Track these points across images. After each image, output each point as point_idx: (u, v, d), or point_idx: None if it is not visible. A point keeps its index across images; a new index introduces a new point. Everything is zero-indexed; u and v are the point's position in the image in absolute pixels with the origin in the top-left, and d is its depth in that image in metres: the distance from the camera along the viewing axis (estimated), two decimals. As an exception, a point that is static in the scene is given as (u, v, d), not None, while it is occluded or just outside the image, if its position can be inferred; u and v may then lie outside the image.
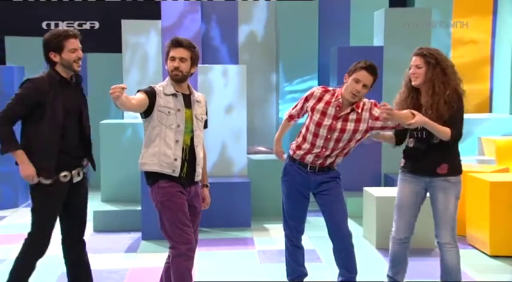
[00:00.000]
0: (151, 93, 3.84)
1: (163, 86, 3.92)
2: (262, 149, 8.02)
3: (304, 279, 4.40)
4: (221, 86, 7.09)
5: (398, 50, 7.49)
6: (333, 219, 4.17)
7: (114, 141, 7.07)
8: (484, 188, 5.70)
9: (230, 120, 7.10)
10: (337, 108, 4.08)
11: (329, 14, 8.85)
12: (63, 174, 3.85)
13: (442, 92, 3.98)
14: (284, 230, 4.35)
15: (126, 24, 8.90)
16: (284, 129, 4.46)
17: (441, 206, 4.08)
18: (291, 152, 4.24)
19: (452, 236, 4.09)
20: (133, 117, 7.82)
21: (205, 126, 4.10)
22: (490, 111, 8.82)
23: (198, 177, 3.96)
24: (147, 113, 3.86)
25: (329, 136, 4.08)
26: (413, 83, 4.07)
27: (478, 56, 9.02)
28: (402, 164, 4.27)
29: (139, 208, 6.34)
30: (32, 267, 3.94)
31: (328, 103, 4.11)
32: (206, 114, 4.08)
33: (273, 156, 7.50)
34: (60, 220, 4.03)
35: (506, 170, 6.66)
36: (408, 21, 7.59)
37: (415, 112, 3.85)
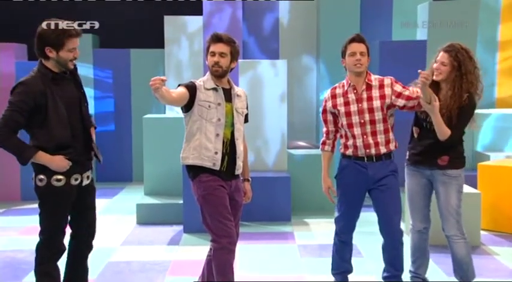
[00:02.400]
0: (191, 88, 3.86)
1: (204, 80, 3.95)
2: (302, 143, 8.00)
3: (348, 276, 4.38)
4: (260, 81, 7.09)
5: (443, 44, 7.32)
6: (387, 215, 4.12)
7: (157, 135, 7.16)
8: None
9: (271, 116, 7.10)
10: (355, 91, 4.12)
11: (371, 7, 8.73)
12: (74, 177, 3.62)
13: (459, 95, 4.06)
14: (335, 225, 4.30)
15: (169, 20, 8.97)
16: (326, 162, 4.30)
17: (442, 200, 4.17)
18: (342, 150, 4.20)
19: (457, 228, 4.16)
20: (175, 112, 7.91)
21: (246, 120, 4.11)
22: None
23: (238, 170, 3.97)
24: (187, 108, 3.89)
25: (362, 120, 4.07)
26: (434, 78, 4.13)
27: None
28: (407, 157, 4.34)
29: (181, 201, 6.40)
30: (54, 271, 3.70)
31: (345, 93, 4.15)
32: (247, 108, 4.09)
33: (312, 151, 7.50)
34: (70, 222, 3.78)
35: None
36: (453, 14, 7.40)
37: (436, 100, 3.97)
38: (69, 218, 3.74)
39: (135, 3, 9.77)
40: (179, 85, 3.92)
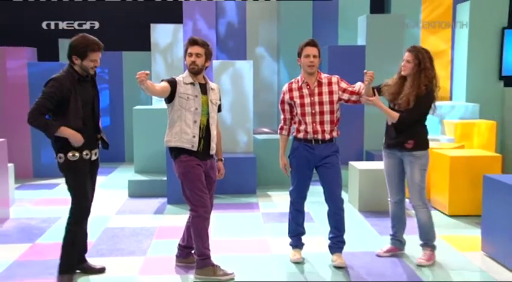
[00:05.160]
0: (173, 82, 3.83)
1: (183, 76, 3.91)
2: (265, 129, 8.00)
3: (302, 237, 4.40)
4: (231, 78, 7.04)
5: (378, 49, 7.41)
6: (330, 187, 4.13)
7: (145, 123, 7.06)
8: (445, 161, 5.69)
9: (240, 107, 7.06)
10: (308, 86, 4.12)
11: (321, 17, 8.75)
12: (85, 152, 3.73)
13: (417, 86, 4.05)
14: (290, 197, 4.31)
15: (154, 27, 8.82)
16: (283, 143, 4.30)
17: (408, 176, 4.18)
18: (295, 134, 4.20)
19: (420, 199, 4.17)
20: (159, 104, 7.81)
21: (219, 110, 4.07)
22: (450, 99, 8.73)
23: (212, 151, 3.95)
24: (169, 99, 3.86)
25: (313, 111, 4.08)
26: (402, 73, 4.15)
27: (441, 59, 8.82)
28: (383, 141, 4.33)
29: (165, 178, 6.34)
30: (82, 232, 3.88)
31: (300, 88, 4.14)
32: (220, 100, 4.06)
33: (274, 136, 7.49)
34: None
35: (462, 147, 6.66)
36: (385, 25, 7.48)
37: (376, 95, 4.05)
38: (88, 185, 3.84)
39: (126, 13, 9.57)
40: (162, 80, 3.87)
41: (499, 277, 3.98)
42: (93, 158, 3.83)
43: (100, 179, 7.53)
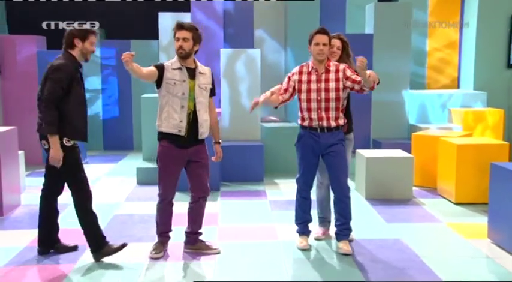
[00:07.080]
0: (160, 67, 3.85)
1: (172, 62, 3.92)
2: (273, 118, 7.97)
3: (308, 224, 4.39)
4: (239, 65, 7.00)
5: (385, 37, 7.33)
6: (336, 175, 4.12)
7: (153, 111, 6.98)
8: (452, 149, 5.63)
9: (247, 94, 7.03)
10: (316, 72, 4.09)
11: (328, 6, 8.65)
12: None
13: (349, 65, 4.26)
14: (297, 184, 4.30)
15: (162, 16, 8.77)
16: (275, 97, 4.14)
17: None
18: (300, 122, 4.18)
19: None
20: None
21: (213, 94, 4.05)
22: (458, 87, 8.64)
23: (201, 136, 3.95)
24: (158, 85, 3.88)
25: (319, 97, 4.06)
26: (333, 59, 4.24)
27: (449, 47, 8.70)
28: None
29: (174, 165, 6.34)
30: (93, 212, 4.01)
31: (309, 73, 4.12)
32: (212, 84, 4.01)
33: (282, 124, 7.47)
34: (51, 177, 4.02)
35: (470, 135, 6.59)
36: (393, 13, 7.39)
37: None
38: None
39: (135, 2, 9.51)
40: (151, 65, 3.89)
41: (506, 264, 3.96)
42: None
43: (109, 167, 7.63)
